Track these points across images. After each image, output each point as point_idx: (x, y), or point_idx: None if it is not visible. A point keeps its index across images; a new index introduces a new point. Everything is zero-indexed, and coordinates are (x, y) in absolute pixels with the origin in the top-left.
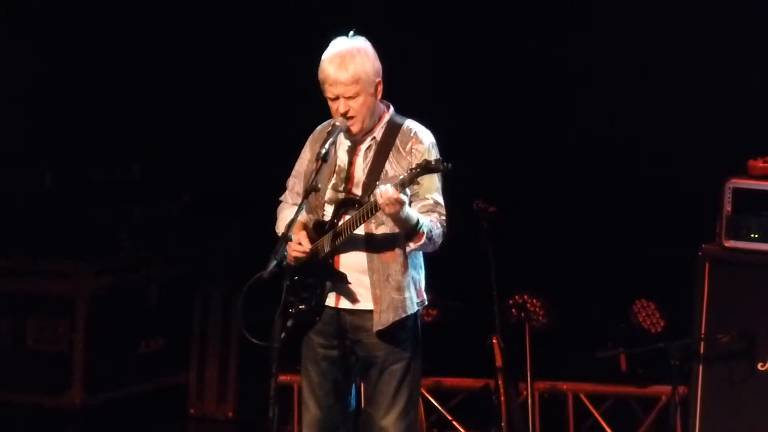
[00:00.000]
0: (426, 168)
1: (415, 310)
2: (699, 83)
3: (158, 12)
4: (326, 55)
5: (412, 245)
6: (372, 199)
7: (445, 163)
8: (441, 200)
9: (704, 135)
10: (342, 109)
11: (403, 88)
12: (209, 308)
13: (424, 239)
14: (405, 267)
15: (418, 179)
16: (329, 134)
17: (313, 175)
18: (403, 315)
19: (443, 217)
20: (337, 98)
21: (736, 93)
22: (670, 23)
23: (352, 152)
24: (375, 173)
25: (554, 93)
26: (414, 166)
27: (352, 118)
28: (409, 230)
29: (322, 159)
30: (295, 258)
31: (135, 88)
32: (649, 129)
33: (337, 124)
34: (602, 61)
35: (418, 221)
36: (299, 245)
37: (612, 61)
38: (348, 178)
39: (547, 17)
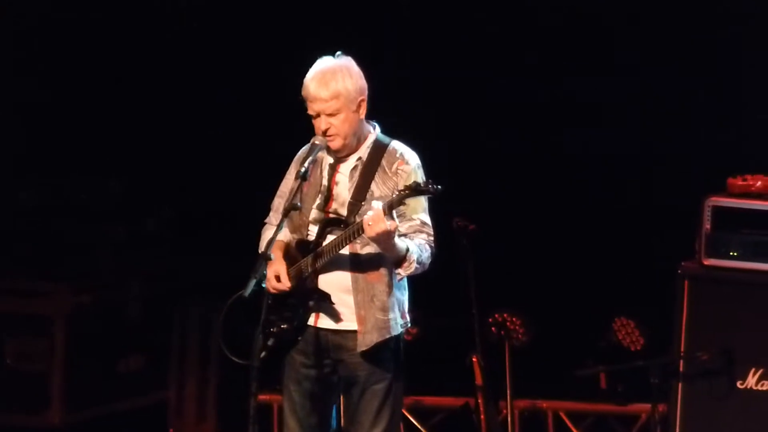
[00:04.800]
0: (415, 190)
1: (399, 332)
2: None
3: (138, 27)
4: (309, 74)
5: (402, 272)
6: (358, 219)
7: (433, 186)
8: (428, 220)
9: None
10: (323, 127)
11: (390, 106)
12: (188, 326)
13: (414, 266)
14: (390, 287)
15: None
16: (309, 153)
17: (293, 194)
18: (387, 336)
19: (431, 238)
20: (318, 115)
21: (735, 108)
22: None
23: (337, 172)
24: (361, 193)
25: (534, 114)
26: (402, 188)
27: (333, 135)
28: (399, 258)
29: (302, 178)
30: (275, 289)
31: (114, 103)
32: (633, 147)
33: (317, 142)
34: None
35: (407, 249)
36: (279, 283)
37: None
38: (333, 198)
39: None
